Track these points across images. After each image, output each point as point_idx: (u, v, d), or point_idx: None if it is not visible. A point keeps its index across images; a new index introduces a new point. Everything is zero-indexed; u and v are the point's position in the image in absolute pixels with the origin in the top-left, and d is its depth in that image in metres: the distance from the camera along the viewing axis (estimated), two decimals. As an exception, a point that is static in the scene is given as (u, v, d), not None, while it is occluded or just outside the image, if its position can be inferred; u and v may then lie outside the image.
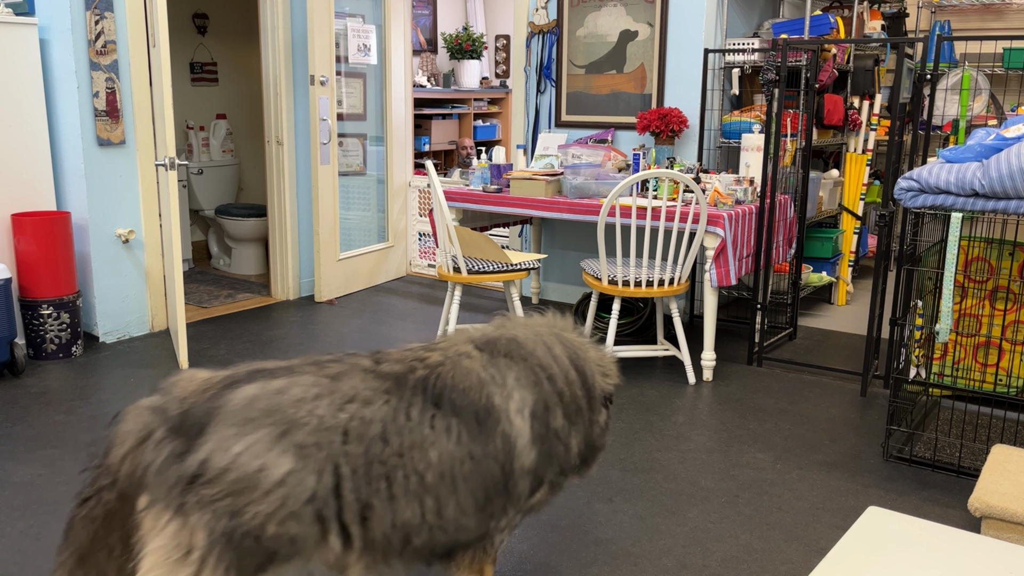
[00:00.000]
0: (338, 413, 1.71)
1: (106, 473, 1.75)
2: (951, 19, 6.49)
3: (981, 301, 3.57)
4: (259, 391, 1.71)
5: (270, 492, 1.63)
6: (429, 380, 1.82)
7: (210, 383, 1.76)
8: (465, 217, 4.75)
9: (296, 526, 1.65)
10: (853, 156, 5.23)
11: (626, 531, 2.62)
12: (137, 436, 1.70)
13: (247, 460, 1.63)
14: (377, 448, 1.72)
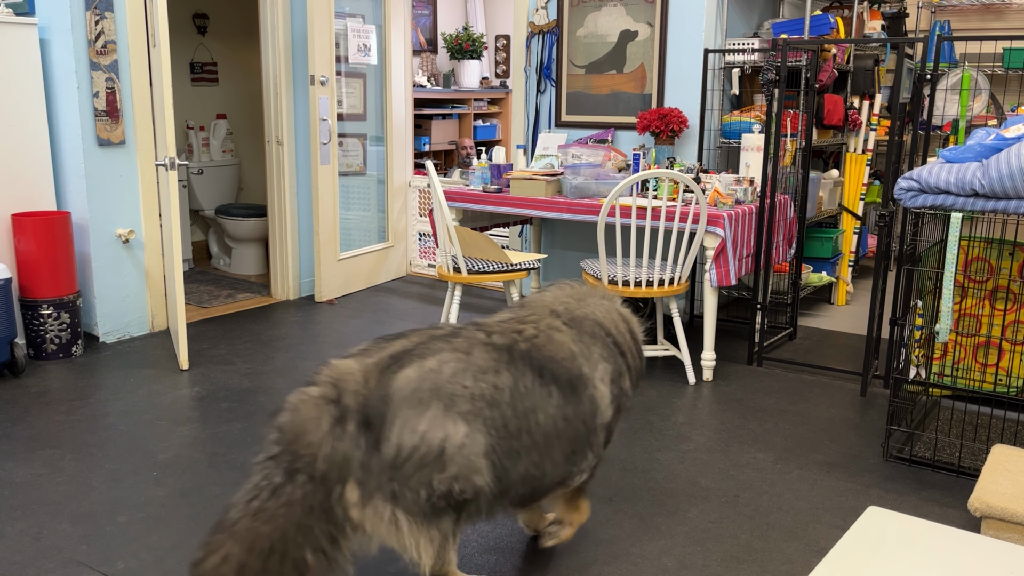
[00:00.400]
0: (479, 383, 1.99)
1: (294, 462, 1.86)
2: (951, 19, 6.49)
3: (981, 301, 3.58)
4: (418, 373, 1.94)
5: (456, 456, 1.90)
6: (532, 353, 2.12)
7: (367, 371, 1.95)
8: (465, 217, 4.75)
9: (480, 478, 1.94)
10: (853, 156, 5.24)
11: (626, 531, 2.62)
12: (321, 429, 1.87)
13: (433, 434, 1.89)
14: (508, 412, 2.01)
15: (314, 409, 1.89)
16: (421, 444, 1.87)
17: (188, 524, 2.63)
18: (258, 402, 3.63)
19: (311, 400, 1.91)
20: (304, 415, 1.89)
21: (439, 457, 1.88)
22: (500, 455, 1.99)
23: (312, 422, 1.88)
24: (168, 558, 2.45)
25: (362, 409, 1.88)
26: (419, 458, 1.87)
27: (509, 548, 2.52)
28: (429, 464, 1.87)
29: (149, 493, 2.82)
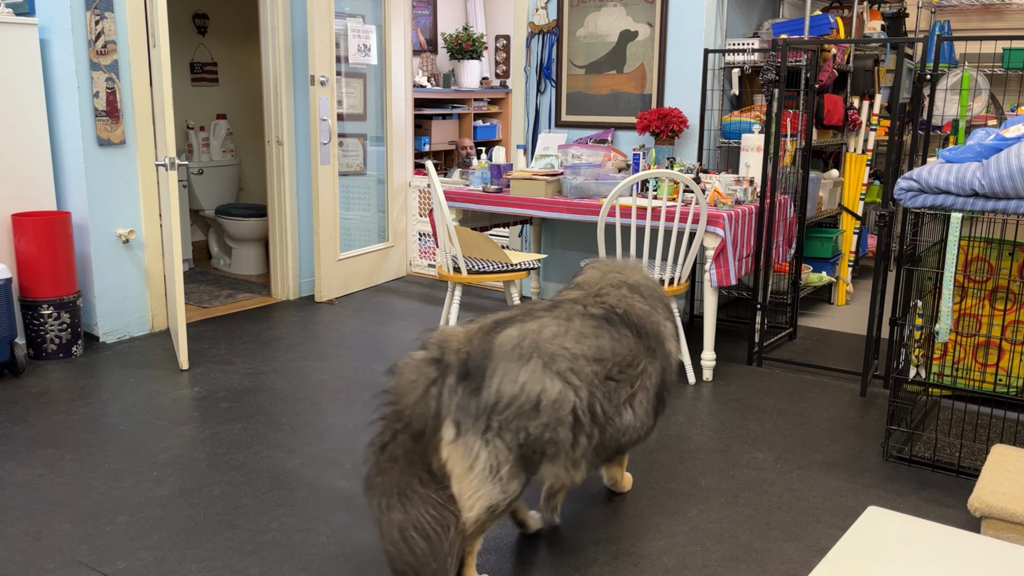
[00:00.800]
0: (579, 345, 2.21)
1: (398, 419, 2.13)
2: (951, 19, 6.49)
3: (981, 301, 3.58)
4: (521, 332, 2.17)
5: (548, 408, 2.12)
6: (630, 315, 2.39)
7: (471, 333, 2.19)
8: (465, 217, 4.76)
9: (563, 432, 2.16)
10: (853, 156, 5.24)
11: (626, 531, 2.62)
12: (424, 385, 2.10)
13: (531, 386, 2.11)
14: (612, 371, 2.26)
15: (414, 372, 2.13)
16: (520, 394, 2.10)
17: (188, 524, 2.63)
18: (258, 402, 3.63)
19: (414, 363, 2.15)
20: (405, 378, 2.14)
21: (534, 408, 2.11)
22: (597, 412, 2.23)
23: (410, 384, 2.12)
24: (168, 558, 2.45)
25: (462, 364, 2.13)
26: (517, 406, 2.10)
27: (509, 548, 2.52)
28: (525, 413, 2.10)
29: (149, 493, 2.83)
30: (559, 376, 2.15)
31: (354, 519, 2.68)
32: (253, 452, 3.14)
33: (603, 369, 2.25)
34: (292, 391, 3.76)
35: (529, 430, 2.11)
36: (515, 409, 2.10)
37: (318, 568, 2.41)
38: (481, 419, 2.09)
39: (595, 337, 2.26)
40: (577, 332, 2.24)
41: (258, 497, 2.81)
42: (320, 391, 3.76)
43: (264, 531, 2.60)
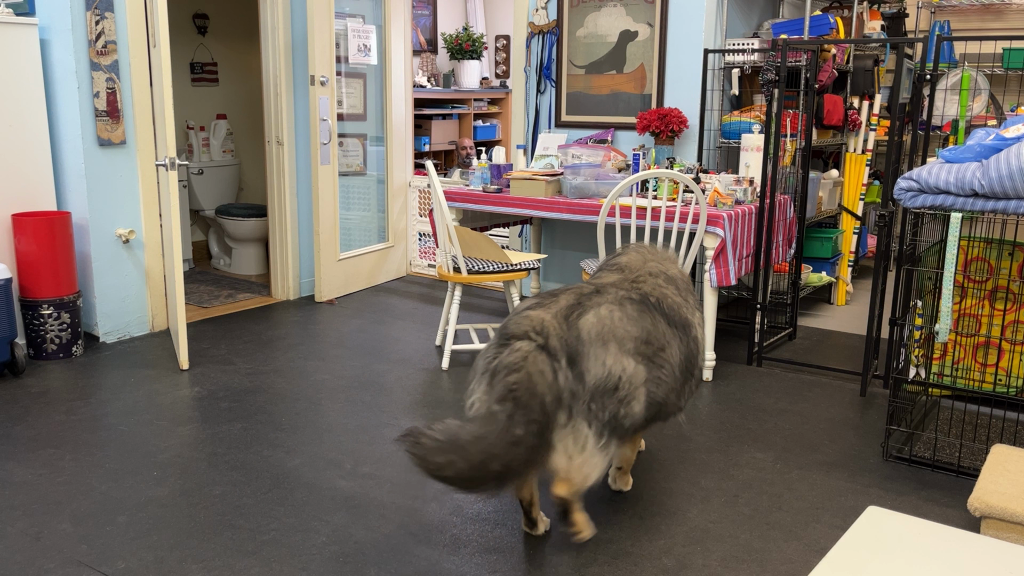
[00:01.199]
0: (637, 327, 2.45)
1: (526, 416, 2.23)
2: (951, 19, 6.50)
3: (981, 301, 3.58)
4: (596, 319, 2.40)
5: (627, 385, 2.37)
6: (662, 304, 2.59)
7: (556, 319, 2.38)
8: (465, 217, 4.76)
9: (639, 406, 2.41)
10: (853, 156, 5.24)
11: (626, 531, 2.63)
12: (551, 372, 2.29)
13: (616, 367, 2.36)
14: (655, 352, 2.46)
15: (535, 362, 2.28)
16: (609, 375, 2.34)
17: (188, 524, 2.63)
18: (258, 402, 3.63)
19: (531, 353, 2.29)
20: (531, 370, 2.27)
21: (618, 386, 2.35)
22: (651, 387, 2.46)
23: (539, 375, 2.27)
24: (168, 558, 2.45)
25: (565, 348, 2.32)
26: (608, 386, 2.34)
27: (509, 548, 2.53)
28: (611, 391, 2.34)
29: (149, 493, 2.83)
30: (631, 356, 2.40)
31: (354, 519, 2.68)
32: (253, 452, 3.14)
33: (649, 350, 2.46)
34: (292, 391, 3.76)
35: (614, 407, 2.35)
36: (604, 389, 2.33)
37: (318, 568, 2.41)
38: (585, 401, 2.32)
39: (641, 320, 2.47)
40: (630, 316, 2.46)
41: (258, 497, 2.81)
42: (320, 391, 3.76)
43: (264, 531, 2.60)
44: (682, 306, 2.67)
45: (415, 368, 4.08)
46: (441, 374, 4.00)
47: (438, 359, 4.21)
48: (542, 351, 2.30)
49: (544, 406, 2.26)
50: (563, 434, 2.31)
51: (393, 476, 2.97)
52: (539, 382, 2.26)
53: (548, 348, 2.31)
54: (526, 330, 2.34)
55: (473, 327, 4.48)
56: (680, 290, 2.72)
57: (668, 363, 2.51)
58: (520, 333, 2.34)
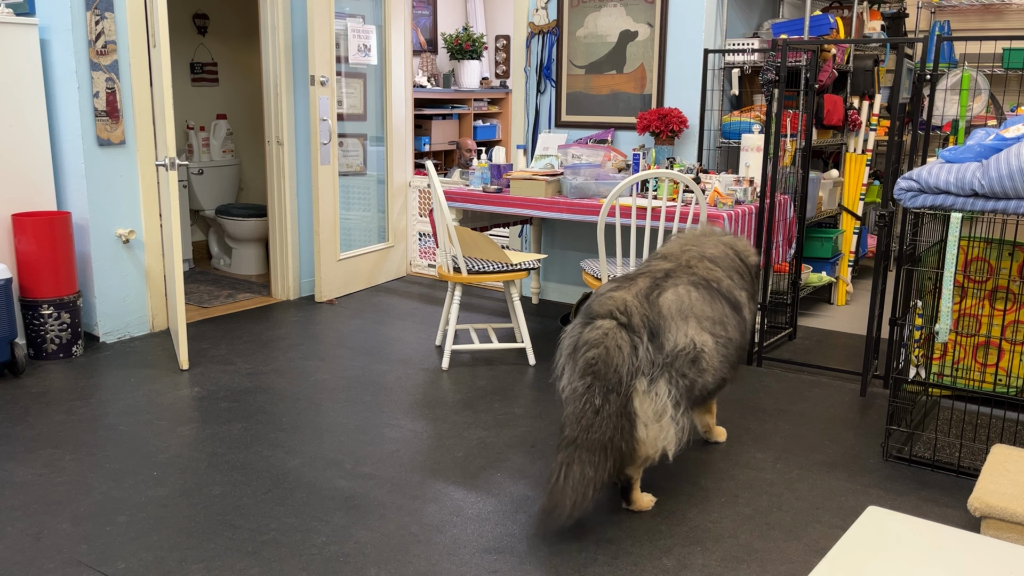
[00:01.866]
0: (709, 308, 2.71)
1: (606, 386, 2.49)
2: (951, 19, 6.49)
3: (981, 301, 3.58)
4: (675, 297, 2.65)
5: (704, 356, 2.63)
6: (720, 287, 2.84)
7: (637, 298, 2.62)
8: (465, 217, 4.76)
9: (711, 376, 2.68)
10: (853, 156, 5.24)
11: (626, 531, 2.63)
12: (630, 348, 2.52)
13: (698, 339, 2.62)
14: (720, 329, 2.72)
15: (614, 338, 2.52)
16: (689, 345, 2.59)
17: (188, 524, 2.63)
18: (258, 402, 3.63)
19: (611, 331, 2.53)
20: (609, 346, 2.51)
21: (698, 356, 2.61)
22: (722, 362, 2.72)
23: (616, 350, 2.51)
24: (168, 558, 2.45)
25: (647, 323, 2.57)
26: (687, 355, 2.59)
27: (509, 548, 2.53)
28: (691, 360, 2.60)
29: (149, 493, 2.83)
30: (707, 332, 2.66)
31: (354, 519, 2.68)
32: (253, 452, 3.14)
33: (717, 329, 2.71)
34: (292, 391, 3.76)
35: (693, 375, 2.61)
36: (685, 358, 2.59)
37: (318, 568, 2.41)
38: (664, 369, 2.55)
39: (712, 302, 2.74)
40: (703, 298, 2.72)
41: (258, 497, 2.81)
42: (320, 391, 3.76)
43: (264, 531, 2.60)
44: (733, 287, 2.90)
45: (415, 368, 4.08)
46: (441, 374, 4.00)
47: (438, 359, 4.21)
48: (623, 328, 2.54)
49: (620, 379, 2.50)
50: (646, 399, 2.54)
51: (393, 476, 2.97)
52: (615, 355, 2.50)
53: (631, 326, 2.55)
54: (610, 309, 2.58)
55: (473, 327, 4.48)
56: (724, 269, 2.92)
57: (731, 342, 2.79)
58: (604, 312, 2.58)
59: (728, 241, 3.05)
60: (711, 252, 2.95)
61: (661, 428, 2.56)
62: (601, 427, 2.48)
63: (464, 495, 2.84)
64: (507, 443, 3.25)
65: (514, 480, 2.95)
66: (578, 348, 2.56)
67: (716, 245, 2.99)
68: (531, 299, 5.44)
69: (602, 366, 2.50)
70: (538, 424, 3.43)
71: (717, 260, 2.93)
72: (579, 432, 2.50)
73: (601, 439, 2.49)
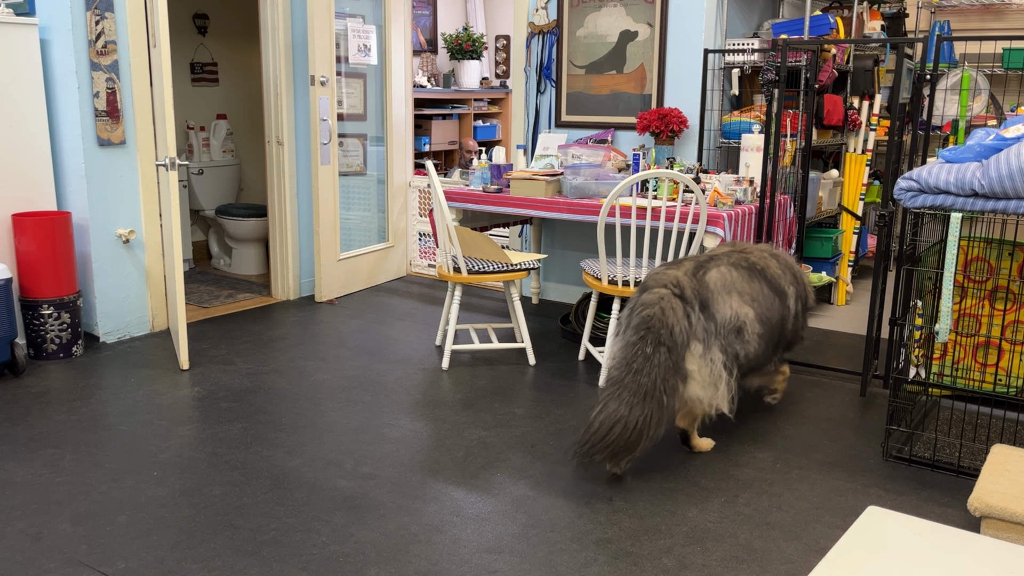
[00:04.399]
0: (748, 286, 3.06)
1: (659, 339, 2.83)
2: (951, 19, 6.49)
3: (981, 301, 3.58)
4: (719, 274, 3.03)
5: (747, 328, 3.00)
6: (766, 273, 3.16)
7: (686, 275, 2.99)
8: (465, 217, 4.76)
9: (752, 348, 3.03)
10: (853, 156, 5.24)
11: (626, 531, 2.63)
12: (683, 312, 2.88)
13: (739, 312, 2.99)
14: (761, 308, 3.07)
15: (669, 301, 2.88)
16: (735, 317, 2.96)
17: (188, 524, 2.63)
18: (258, 402, 3.63)
19: (666, 296, 2.89)
20: (663, 306, 2.87)
21: (743, 327, 2.98)
22: (762, 334, 3.06)
23: (671, 310, 2.86)
24: (168, 558, 2.45)
25: (697, 296, 2.93)
26: (735, 326, 2.95)
27: (509, 548, 2.53)
28: (737, 331, 2.96)
29: (149, 493, 2.83)
30: (748, 305, 3.01)
31: (354, 519, 2.68)
32: (253, 452, 3.14)
33: (757, 307, 3.05)
34: (292, 391, 3.76)
35: (739, 346, 2.96)
36: (732, 328, 2.94)
37: (318, 568, 2.41)
38: (716, 337, 2.91)
39: (751, 282, 3.07)
40: (743, 277, 3.06)
41: (258, 497, 2.81)
42: (320, 391, 3.76)
43: (264, 531, 2.60)
44: (781, 278, 3.22)
45: (415, 368, 4.08)
46: (441, 374, 4.00)
47: (438, 359, 4.21)
48: (677, 298, 2.90)
49: (673, 333, 2.84)
50: (702, 363, 2.89)
51: (393, 476, 2.97)
52: (669, 315, 2.86)
53: (684, 297, 2.91)
54: (664, 283, 2.95)
55: (473, 327, 4.48)
56: (780, 264, 3.28)
57: (769, 321, 3.08)
58: (658, 284, 2.95)
59: (766, 248, 3.37)
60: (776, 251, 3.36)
61: (716, 389, 2.92)
62: (647, 372, 2.79)
63: (464, 495, 2.84)
64: (507, 443, 3.25)
65: (514, 480, 2.95)
66: (634, 310, 2.92)
67: (756, 251, 3.31)
68: (531, 299, 5.44)
69: (656, 323, 2.84)
70: (538, 424, 3.43)
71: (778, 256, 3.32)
72: (625, 373, 2.81)
73: (643, 383, 2.78)
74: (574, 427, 3.40)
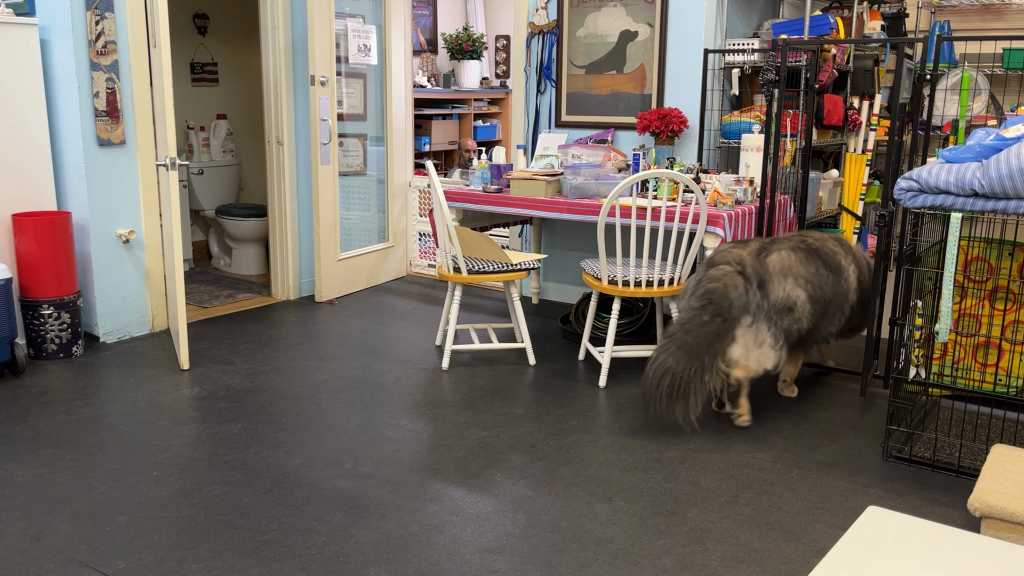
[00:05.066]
0: (806, 269, 3.40)
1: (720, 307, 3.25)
2: (951, 19, 6.49)
3: (981, 301, 3.58)
4: (779, 258, 3.37)
5: (797, 307, 3.35)
6: (821, 251, 3.48)
7: (750, 255, 3.37)
8: (465, 217, 4.76)
9: (803, 324, 3.39)
10: (853, 156, 5.23)
11: (626, 531, 2.63)
12: (743, 288, 3.28)
13: (792, 293, 3.34)
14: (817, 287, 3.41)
15: (732, 278, 3.29)
16: (787, 298, 3.32)
17: (188, 524, 2.64)
18: (258, 402, 3.63)
19: (730, 273, 3.29)
20: (727, 282, 3.27)
21: (793, 307, 3.34)
22: (813, 312, 3.39)
23: (733, 287, 3.27)
24: (168, 558, 2.45)
25: (756, 275, 3.31)
26: (786, 306, 3.32)
27: (509, 548, 2.53)
28: (787, 309, 3.33)
29: (149, 493, 2.83)
30: (802, 289, 3.35)
31: (354, 519, 2.68)
32: (253, 452, 3.15)
33: (811, 288, 3.37)
34: (292, 391, 3.76)
35: (789, 321, 3.34)
36: (782, 307, 3.31)
37: (318, 568, 2.41)
38: (766, 313, 3.29)
39: (808, 264, 3.39)
40: (801, 260, 3.39)
41: (258, 497, 2.81)
42: (320, 391, 3.76)
43: (264, 531, 2.60)
44: (837, 253, 3.51)
45: (415, 368, 4.08)
46: (441, 374, 4.00)
47: (438, 359, 4.21)
48: (739, 275, 3.29)
49: (731, 307, 3.24)
50: (748, 332, 3.29)
51: (393, 476, 2.97)
52: (731, 290, 3.25)
53: (745, 274, 3.29)
54: (729, 260, 3.32)
55: (473, 327, 4.48)
56: (840, 243, 3.58)
57: (823, 299, 3.41)
58: (724, 261, 3.32)
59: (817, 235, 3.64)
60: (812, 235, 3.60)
61: (762, 352, 3.31)
62: (698, 334, 3.21)
63: (464, 495, 2.84)
64: (507, 443, 3.25)
65: (514, 480, 2.95)
66: (701, 281, 3.31)
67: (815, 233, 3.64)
68: (531, 299, 5.44)
69: (718, 296, 3.24)
70: (538, 424, 3.43)
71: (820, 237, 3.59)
72: (679, 331, 3.24)
73: (693, 342, 3.20)
74: (574, 427, 3.40)
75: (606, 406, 3.63)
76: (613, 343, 4.00)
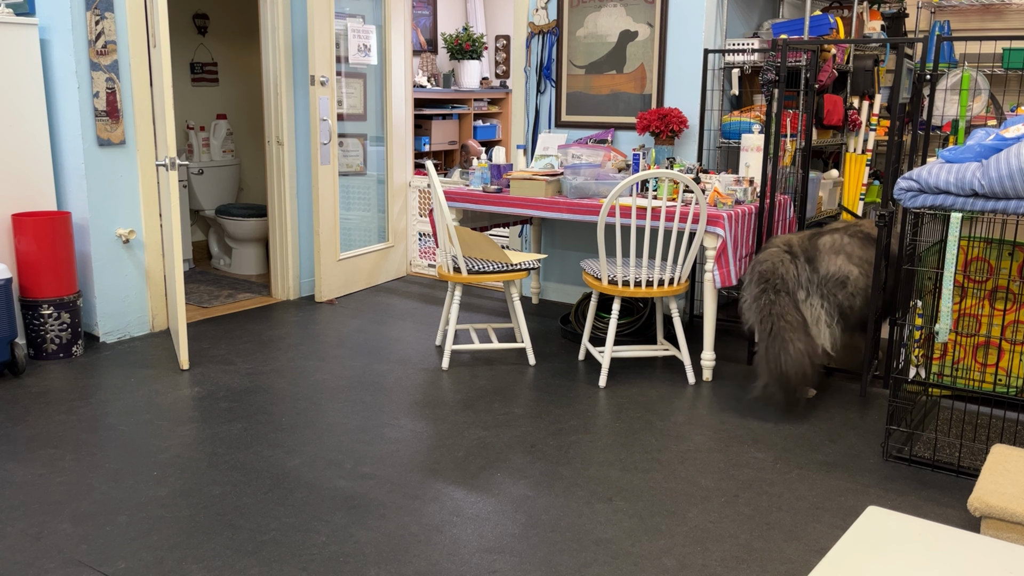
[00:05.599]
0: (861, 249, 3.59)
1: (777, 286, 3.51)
2: (951, 19, 6.49)
3: (981, 301, 3.58)
4: (830, 239, 3.61)
5: (850, 283, 3.53)
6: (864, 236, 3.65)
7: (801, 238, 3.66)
8: (465, 217, 4.76)
9: (856, 301, 3.56)
10: (853, 156, 5.23)
11: (626, 531, 2.63)
12: (786, 266, 3.53)
13: (843, 269, 3.54)
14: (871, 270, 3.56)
15: (779, 257, 3.56)
16: (838, 272, 3.53)
17: (188, 524, 2.64)
18: (258, 402, 3.63)
19: (777, 252, 3.57)
20: (775, 261, 3.54)
21: (845, 281, 3.53)
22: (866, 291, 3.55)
23: (781, 264, 3.53)
24: (168, 558, 2.45)
25: (804, 253, 3.58)
26: (837, 280, 3.52)
27: (509, 548, 2.53)
28: (839, 284, 3.52)
29: (149, 493, 2.83)
30: (855, 266, 3.54)
31: (354, 519, 2.68)
32: (253, 452, 3.15)
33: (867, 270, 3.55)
34: (292, 391, 3.76)
35: (841, 297, 3.52)
36: (834, 281, 3.51)
37: (318, 568, 2.41)
38: (818, 287, 3.52)
39: (864, 247, 3.59)
40: (856, 243, 3.59)
41: (258, 497, 2.81)
42: (320, 391, 3.76)
43: (264, 531, 2.60)
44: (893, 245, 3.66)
45: (415, 368, 4.08)
46: (441, 374, 4.00)
47: (438, 359, 4.21)
48: (786, 253, 3.57)
49: (784, 279, 3.51)
50: (804, 307, 3.51)
51: (393, 476, 2.97)
52: (779, 266, 3.53)
53: (791, 252, 3.57)
54: (777, 243, 3.63)
55: (473, 327, 4.48)
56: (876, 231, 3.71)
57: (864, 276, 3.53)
58: (773, 245, 3.63)
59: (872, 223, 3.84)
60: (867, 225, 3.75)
61: (818, 330, 3.50)
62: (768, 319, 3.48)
63: (464, 495, 2.84)
64: (507, 443, 3.25)
65: (514, 480, 2.95)
66: (754, 268, 3.58)
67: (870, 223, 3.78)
68: (531, 299, 5.44)
69: (769, 273, 3.52)
70: (538, 424, 3.43)
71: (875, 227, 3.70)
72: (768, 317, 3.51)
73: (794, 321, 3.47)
74: (574, 427, 3.40)
75: (606, 406, 3.63)
76: (613, 343, 4.00)
